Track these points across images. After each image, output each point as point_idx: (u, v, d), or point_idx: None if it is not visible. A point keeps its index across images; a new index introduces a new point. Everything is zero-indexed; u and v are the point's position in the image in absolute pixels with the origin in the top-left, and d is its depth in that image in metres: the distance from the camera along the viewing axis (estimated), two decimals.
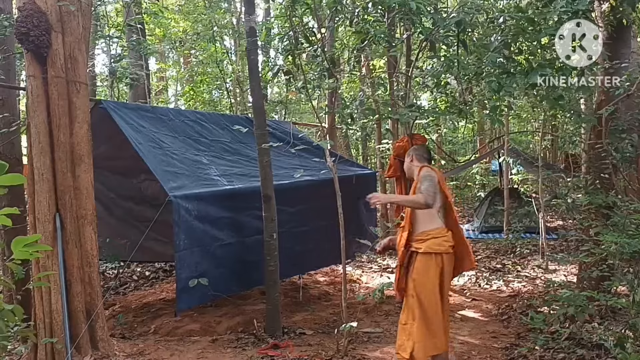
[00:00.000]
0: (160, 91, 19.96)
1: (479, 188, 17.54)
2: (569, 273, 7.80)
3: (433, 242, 3.96)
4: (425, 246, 3.95)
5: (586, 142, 6.31)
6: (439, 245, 3.97)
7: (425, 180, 3.95)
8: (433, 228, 4.00)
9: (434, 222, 4.02)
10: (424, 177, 3.99)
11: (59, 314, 4.46)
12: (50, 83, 4.52)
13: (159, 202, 5.45)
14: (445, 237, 4.02)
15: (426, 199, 3.82)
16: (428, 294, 3.93)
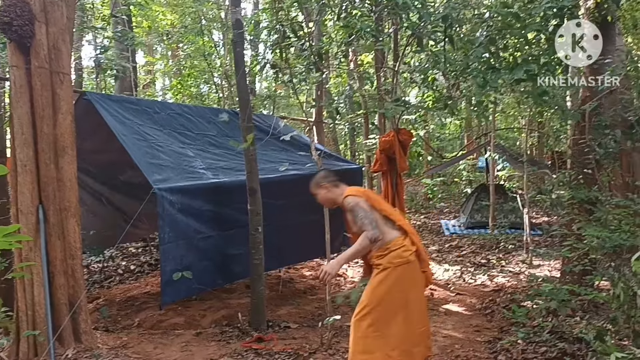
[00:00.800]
0: (147, 84, 19.83)
1: (465, 184, 17.64)
2: (553, 268, 7.88)
3: (392, 255, 3.74)
4: (385, 261, 3.74)
5: (571, 138, 6.36)
6: (399, 257, 3.74)
7: (355, 212, 3.70)
8: (389, 240, 3.77)
9: (389, 234, 3.79)
10: (352, 208, 3.74)
11: (42, 307, 4.42)
12: (33, 74, 4.46)
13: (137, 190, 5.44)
14: (404, 247, 3.78)
15: (371, 236, 3.58)
16: (386, 308, 3.70)
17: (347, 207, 3.78)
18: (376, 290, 3.73)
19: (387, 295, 3.72)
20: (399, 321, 3.74)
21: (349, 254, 3.70)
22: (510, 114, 14.68)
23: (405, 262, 3.75)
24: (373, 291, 3.74)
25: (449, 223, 12.84)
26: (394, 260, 3.73)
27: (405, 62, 7.72)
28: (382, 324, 3.72)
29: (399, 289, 3.75)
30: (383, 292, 3.73)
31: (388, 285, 3.73)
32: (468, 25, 6.29)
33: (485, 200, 11.23)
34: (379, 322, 3.71)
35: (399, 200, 6.75)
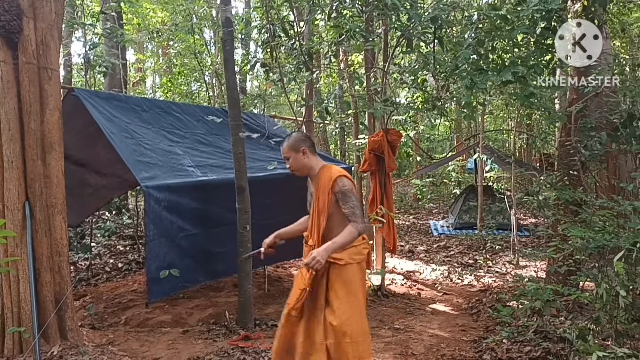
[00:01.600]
0: (137, 82, 19.74)
1: (454, 185, 17.74)
2: (539, 269, 7.95)
3: (353, 250, 3.48)
4: (347, 256, 3.44)
5: (557, 139, 6.42)
6: (359, 254, 3.52)
7: (349, 197, 3.42)
8: None
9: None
10: (348, 192, 3.42)
11: (27, 303, 4.39)
12: (21, 69, 4.43)
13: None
14: (364, 244, 3.58)
15: (362, 230, 3.37)
16: (354, 310, 3.43)
17: (340, 188, 3.41)
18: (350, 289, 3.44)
19: (359, 294, 3.49)
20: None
21: (338, 245, 3.33)
22: (499, 115, 14.78)
23: (362, 260, 3.56)
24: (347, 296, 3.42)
25: (438, 223, 12.91)
26: (355, 256, 3.50)
27: (395, 62, 7.76)
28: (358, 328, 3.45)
29: (361, 286, 3.54)
30: (355, 290, 3.47)
31: (354, 280, 3.48)
32: (457, 26, 6.33)
33: (474, 201, 11.31)
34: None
35: (387, 200, 6.78)
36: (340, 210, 3.43)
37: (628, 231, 4.33)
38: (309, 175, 3.64)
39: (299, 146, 3.55)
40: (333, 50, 7.20)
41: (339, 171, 3.51)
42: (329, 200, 3.46)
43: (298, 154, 3.55)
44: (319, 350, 3.38)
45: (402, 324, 5.73)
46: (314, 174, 3.58)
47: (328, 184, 3.45)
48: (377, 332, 5.45)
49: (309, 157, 3.57)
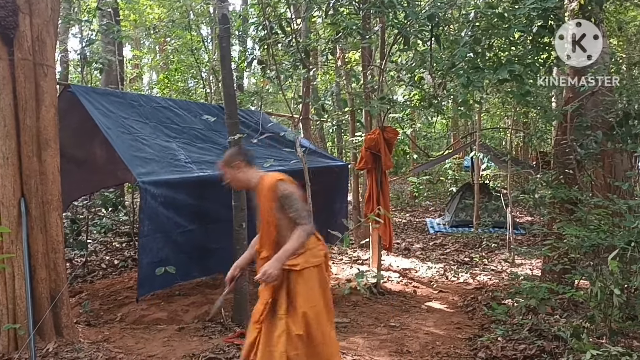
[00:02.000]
0: (134, 78, 19.70)
1: (451, 183, 17.77)
2: (534, 267, 7.97)
3: (309, 254, 3.40)
4: (303, 261, 3.36)
5: (554, 138, 6.44)
6: (316, 256, 3.44)
7: (291, 200, 3.34)
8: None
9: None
10: (288, 195, 3.35)
11: (23, 300, 4.39)
12: (17, 65, 4.42)
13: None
14: (320, 246, 3.51)
15: (310, 231, 3.34)
16: (318, 315, 3.36)
17: (282, 192, 3.34)
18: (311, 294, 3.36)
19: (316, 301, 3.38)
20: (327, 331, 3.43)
21: (289, 252, 3.27)
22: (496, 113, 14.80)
23: (320, 262, 3.47)
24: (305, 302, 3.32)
25: (434, 221, 12.93)
26: (312, 259, 3.41)
27: (392, 60, 7.76)
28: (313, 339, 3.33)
29: (320, 291, 3.44)
30: (317, 294, 3.39)
31: (312, 286, 3.39)
32: (454, 24, 6.33)
33: (470, 199, 11.33)
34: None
35: (384, 197, 6.79)
36: (286, 215, 3.36)
37: (623, 230, 4.35)
38: (249, 188, 3.60)
39: (233, 161, 3.55)
40: (330, 48, 7.21)
41: (277, 177, 3.47)
42: (273, 207, 3.40)
43: (232, 169, 3.54)
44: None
45: (398, 321, 5.74)
46: (253, 185, 3.53)
47: (268, 192, 3.40)
48: (373, 329, 5.46)
49: (244, 171, 3.54)
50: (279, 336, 3.27)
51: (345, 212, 7.65)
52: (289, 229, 3.36)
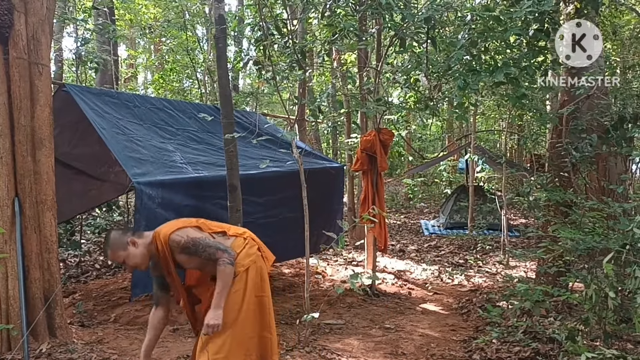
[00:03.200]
0: (129, 78, 19.64)
1: (446, 185, 17.80)
2: (529, 269, 7.99)
3: (240, 257, 3.31)
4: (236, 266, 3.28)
5: (548, 141, 6.46)
6: (247, 256, 3.35)
7: (192, 246, 3.17)
8: (229, 245, 3.35)
9: (226, 242, 3.35)
10: (185, 245, 3.17)
11: (16, 300, 4.36)
12: (11, 64, 4.39)
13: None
14: (248, 244, 3.42)
15: (230, 259, 3.17)
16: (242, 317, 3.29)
17: (179, 246, 3.17)
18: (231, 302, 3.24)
19: (244, 304, 3.30)
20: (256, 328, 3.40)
21: (224, 293, 3.15)
22: (491, 116, 14.84)
23: (251, 262, 3.37)
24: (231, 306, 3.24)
25: (429, 223, 12.94)
26: (244, 261, 3.33)
27: (388, 62, 7.76)
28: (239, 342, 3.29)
29: (255, 293, 3.37)
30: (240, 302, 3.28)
31: (243, 291, 3.30)
32: (450, 27, 6.35)
33: (465, 201, 11.35)
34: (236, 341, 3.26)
35: (379, 199, 6.79)
36: (199, 258, 3.21)
37: (617, 233, 4.37)
38: (152, 255, 3.29)
39: (123, 241, 3.23)
40: (326, 49, 7.20)
41: (165, 233, 3.21)
42: (180, 262, 3.26)
43: (128, 249, 3.22)
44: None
45: (393, 323, 5.74)
46: (154, 248, 3.25)
47: (168, 252, 3.20)
48: (368, 331, 5.46)
49: (139, 243, 3.24)
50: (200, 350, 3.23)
51: (341, 213, 7.65)
52: (209, 265, 3.23)
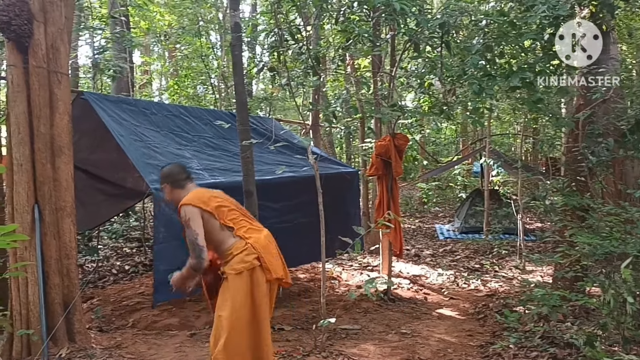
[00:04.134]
0: (144, 85, 19.81)
1: (460, 189, 17.72)
2: (545, 274, 7.92)
3: (235, 260, 3.54)
4: (227, 268, 3.55)
5: (565, 145, 6.42)
6: (242, 261, 3.52)
7: (187, 228, 3.53)
8: (230, 245, 3.59)
9: (229, 240, 3.61)
10: (185, 223, 3.53)
11: (36, 306, 4.42)
12: (31, 73, 4.46)
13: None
14: (246, 251, 3.56)
15: (195, 266, 3.48)
16: (238, 320, 3.47)
17: (182, 219, 3.55)
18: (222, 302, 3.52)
19: (234, 305, 3.48)
20: (247, 336, 3.53)
21: (183, 275, 3.65)
22: (506, 120, 14.76)
23: (248, 267, 3.53)
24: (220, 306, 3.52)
25: (444, 227, 12.89)
26: (237, 265, 3.52)
27: (402, 67, 7.77)
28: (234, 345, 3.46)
29: (246, 298, 3.51)
30: (230, 303, 3.48)
31: (233, 292, 3.50)
32: (465, 31, 6.34)
33: (480, 205, 11.29)
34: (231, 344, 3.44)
35: (394, 204, 6.79)
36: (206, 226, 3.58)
37: (635, 237, 4.33)
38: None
39: (161, 184, 3.86)
40: (340, 55, 7.23)
41: (184, 201, 3.61)
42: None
43: (165, 190, 3.85)
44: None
45: (409, 328, 5.73)
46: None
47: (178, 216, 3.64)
48: (384, 336, 5.45)
49: (173, 193, 3.79)
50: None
51: (359, 218, 7.65)
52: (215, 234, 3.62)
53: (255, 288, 3.56)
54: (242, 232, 3.67)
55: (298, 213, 6.29)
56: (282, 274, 3.73)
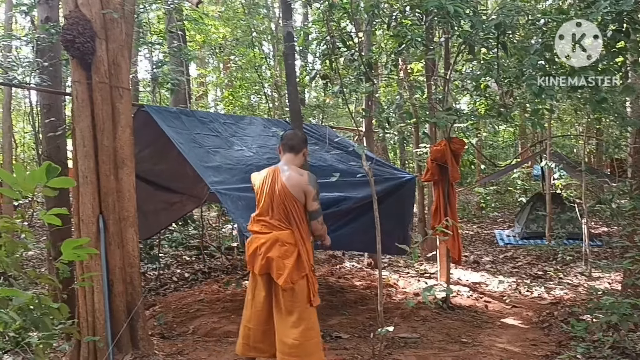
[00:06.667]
0: (200, 96, 20.32)
1: (520, 193, 17.24)
2: (613, 281, 7.58)
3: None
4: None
5: (631, 146, 6.13)
6: (247, 250, 4.14)
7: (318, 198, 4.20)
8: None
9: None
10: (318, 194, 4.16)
11: (102, 313, 4.57)
12: (94, 88, 4.64)
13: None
14: (249, 240, 4.15)
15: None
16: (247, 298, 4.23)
17: (316, 188, 4.16)
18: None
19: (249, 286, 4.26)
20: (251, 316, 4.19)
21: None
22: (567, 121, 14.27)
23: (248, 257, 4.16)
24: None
25: (503, 233, 12.56)
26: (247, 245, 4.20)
27: (456, 70, 7.64)
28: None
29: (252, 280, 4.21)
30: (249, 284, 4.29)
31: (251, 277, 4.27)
32: (522, 31, 6.17)
33: (542, 210, 10.94)
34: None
35: (452, 210, 6.65)
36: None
37: None
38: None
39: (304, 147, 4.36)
40: (393, 60, 7.18)
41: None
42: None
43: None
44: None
45: (470, 337, 5.59)
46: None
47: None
48: (444, 345, 5.33)
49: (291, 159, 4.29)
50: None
51: (413, 225, 7.53)
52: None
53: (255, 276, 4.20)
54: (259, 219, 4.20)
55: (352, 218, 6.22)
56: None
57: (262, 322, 4.09)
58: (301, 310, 3.98)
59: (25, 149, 18.46)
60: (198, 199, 7.85)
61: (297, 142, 4.23)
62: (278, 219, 4.04)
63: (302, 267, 3.99)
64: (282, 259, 3.94)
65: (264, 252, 3.98)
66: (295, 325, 3.94)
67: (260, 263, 3.99)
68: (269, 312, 4.08)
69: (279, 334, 3.99)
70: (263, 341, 4.10)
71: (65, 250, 2.32)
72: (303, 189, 4.02)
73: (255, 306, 4.10)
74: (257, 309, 4.09)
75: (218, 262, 9.42)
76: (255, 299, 4.10)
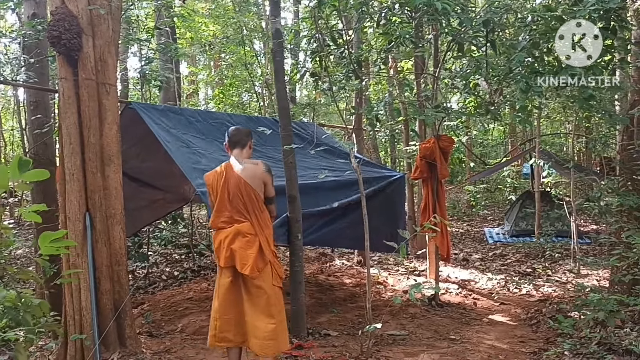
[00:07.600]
0: (190, 94, 20.23)
1: (509, 191, 17.32)
2: (601, 278, 7.63)
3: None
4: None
5: (619, 143, 6.17)
6: (213, 244, 4.30)
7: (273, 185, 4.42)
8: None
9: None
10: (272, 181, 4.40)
11: (88, 311, 4.54)
12: (81, 85, 4.60)
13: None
14: (214, 235, 4.26)
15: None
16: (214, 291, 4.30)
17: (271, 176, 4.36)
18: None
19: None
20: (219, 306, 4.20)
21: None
22: (556, 119, 14.34)
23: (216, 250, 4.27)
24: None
25: (493, 231, 12.60)
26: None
27: (445, 67, 7.65)
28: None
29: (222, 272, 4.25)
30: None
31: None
32: (510, 29, 6.19)
33: (531, 208, 10.98)
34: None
35: (440, 207, 6.66)
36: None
37: None
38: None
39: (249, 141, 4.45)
40: (382, 58, 7.17)
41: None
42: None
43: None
44: None
45: (458, 334, 5.60)
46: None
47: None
48: (433, 342, 5.34)
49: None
50: None
51: (404, 222, 7.53)
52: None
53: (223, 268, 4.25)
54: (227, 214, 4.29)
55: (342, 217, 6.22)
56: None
57: (228, 310, 4.14)
58: (269, 295, 4.10)
59: (15, 148, 18.32)
60: (182, 197, 7.86)
61: (240, 137, 4.33)
62: (237, 212, 4.15)
63: (264, 255, 4.13)
64: (245, 249, 4.07)
65: (227, 245, 4.09)
66: (266, 310, 4.08)
67: (225, 255, 4.09)
68: (233, 302, 4.14)
69: (253, 319, 4.08)
70: (229, 330, 4.14)
71: (43, 244, 2.29)
72: (261, 178, 4.19)
73: (219, 297, 4.17)
74: (223, 299, 4.15)
75: (207, 261, 9.38)
76: (221, 289, 4.17)
